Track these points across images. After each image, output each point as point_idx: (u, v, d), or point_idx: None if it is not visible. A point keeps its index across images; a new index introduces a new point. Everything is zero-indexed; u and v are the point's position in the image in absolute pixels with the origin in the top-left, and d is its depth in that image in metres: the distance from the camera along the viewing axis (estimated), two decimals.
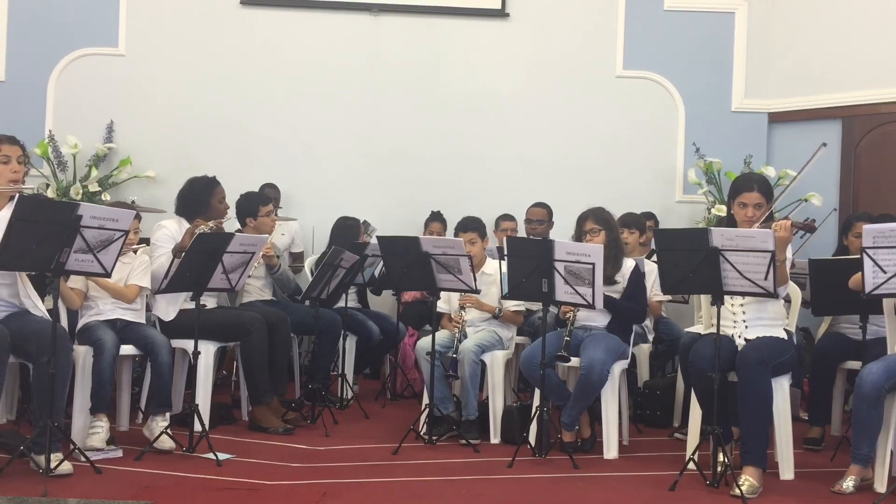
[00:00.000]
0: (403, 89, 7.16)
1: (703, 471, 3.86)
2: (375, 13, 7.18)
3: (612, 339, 4.45)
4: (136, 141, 7.00)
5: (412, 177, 7.10)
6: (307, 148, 7.11)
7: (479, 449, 4.48)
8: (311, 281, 5.05)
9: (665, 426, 5.09)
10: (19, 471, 3.64)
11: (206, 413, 4.42)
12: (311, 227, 6.79)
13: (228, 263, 4.29)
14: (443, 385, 4.70)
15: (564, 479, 4.00)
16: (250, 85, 7.10)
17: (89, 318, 4.46)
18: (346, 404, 5.44)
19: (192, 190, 4.90)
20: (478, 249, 4.94)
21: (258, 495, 3.59)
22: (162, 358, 4.35)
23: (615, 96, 7.16)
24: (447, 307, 5.01)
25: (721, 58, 7.11)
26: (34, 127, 6.80)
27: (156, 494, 3.49)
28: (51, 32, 6.98)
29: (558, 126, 7.16)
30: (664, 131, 7.15)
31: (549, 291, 4.21)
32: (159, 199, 6.54)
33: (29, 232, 3.50)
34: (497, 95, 7.18)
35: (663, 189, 7.11)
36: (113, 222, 3.69)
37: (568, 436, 4.42)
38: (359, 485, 3.81)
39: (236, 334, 4.74)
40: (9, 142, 3.82)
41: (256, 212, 5.24)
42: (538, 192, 6.68)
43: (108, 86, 7.03)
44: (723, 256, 3.74)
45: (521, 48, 7.20)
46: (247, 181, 5.99)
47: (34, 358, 3.72)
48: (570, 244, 4.26)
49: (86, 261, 3.68)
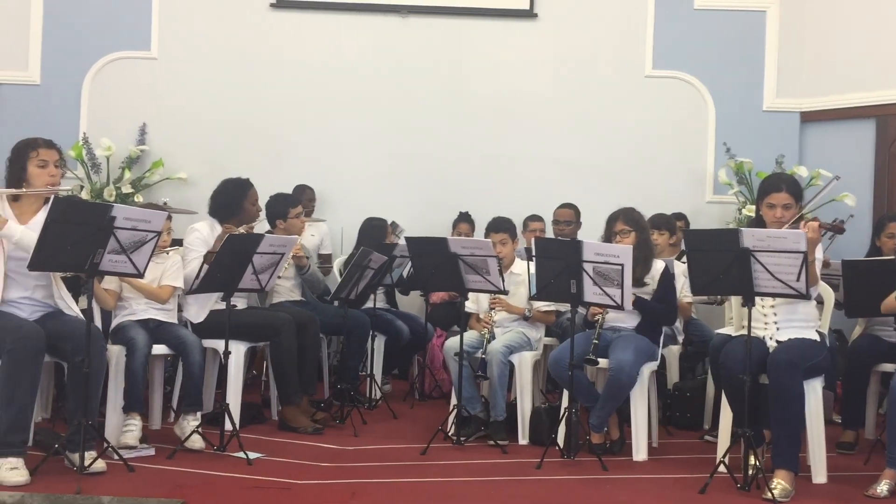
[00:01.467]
0: (432, 90, 7.17)
1: (734, 474, 3.83)
2: (404, 15, 7.20)
3: (641, 340, 4.43)
4: (168, 143, 7.08)
5: (440, 178, 7.11)
6: (336, 149, 7.15)
7: (508, 450, 4.48)
8: (340, 282, 5.08)
9: (695, 428, 5.05)
10: (54, 468, 3.69)
11: (236, 412, 4.46)
12: (340, 228, 6.83)
13: (258, 264, 4.33)
14: (471, 385, 4.70)
15: (593, 480, 3.99)
16: (280, 87, 7.16)
17: (122, 318, 4.52)
18: (374, 404, 5.46)
19: (225, 191, 4.95)
20: (508, 250, 4.94)
21: (288, 494, 3.62)
22: (193, 358, 4.40)
23: (644, 96, 7.12)
24: (475, 308, 5.01)
25: (752, 56, 7.04)
26: (69, 129, 6.90)
27: (187, 493, 3.52)
28: (85, 36, 7.08)
29: (587, 126, 7.14)
30: (694, 131, 7.10)
31: (577, 292, 4.20)
32: (191, 201, 6.62)
33: (64, 233, 3.56)
34: (525, 96, 7.17)
35: (693, 189, 7.05)
36: (145, 223, 3.73)
37: (597, 437, 4.41)
38: (387, 485, 3.82)
39: (266, 334, 4.78)
40: (46, 146, 3.88)
41: (286, 213, 5.27)
42: (566, 192, 6.66)
43: (140, 89, 7.13)
44: (754, 257, 3.70)
45: (549, 49, 7.18)
46: (276, 182, 6.03)
47: (69, 357, 3.78)
48: (599, 245, 4.24)
49: (119, 261, 3.73)
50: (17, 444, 3.59)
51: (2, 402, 3.63)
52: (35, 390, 3.72)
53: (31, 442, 3.86)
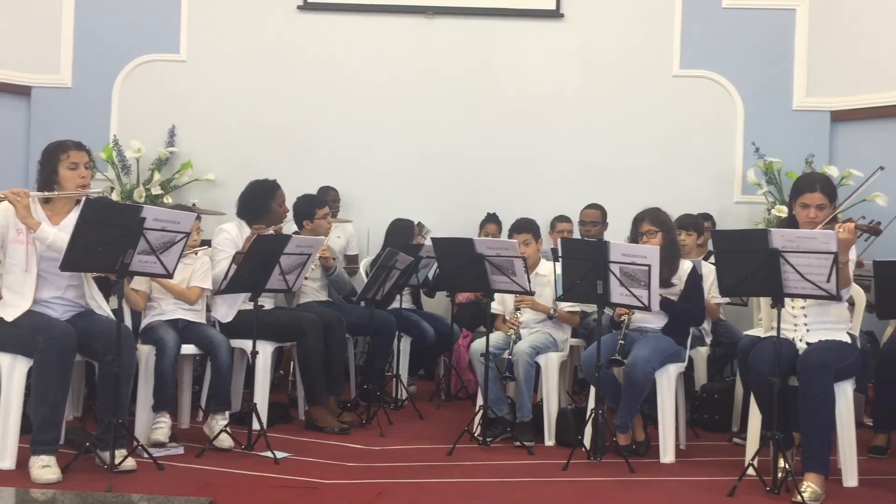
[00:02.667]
0: (458, 91, 7.18)
1: (763, 477, 3.79)
2: (430, 16, 7.21)
3: (662, 339, 4.40)
4: (197, 145, 7.15)
5: (467, 178, 7.11)
6: (362, 150, 7.18)
7: (534, 451, 4.47)
8: (367, 282, 5.10)
9: (723, 431, 5.01)
10: (85, 466, 3.74)
11: (263, 412, 4.50)
12: (367, 229, 6.85)
13: (286, 265, 4.36)
14: (497, 386, 4.70)
15: (620, 482, 3.97)
16: (308, 88, 7.20)
17: (152, 318, 4.57)
18: (400, 405, 5.48)
19: (253, 193, 4.99)
20: (532, 250, 4.93)
21: (315, 494, 3.64)
22: (222, 357, 4.44)
23: (672, 96, 7.07)
24: (501, 308, 5.01)
25: (781, 55, 6.96)
26: (100, 132, 6.99)
27: (216, 491, 3.55)
28: (115, 40, 7.17)
29: (614, 126, 7.10)
30: (722, 131, 7.04)
31: (603, 293, 4.18)
32: (219, 202, 6.68)
33: (95, 234, 3.60)
34: (552, 96, 7.15)
35: (721, 190, 6.99)
36: (175, 224, 3.77)
37: (623, 439, 4.38)
38: (413, 485, 3.83)
39: (293, 335, 4.81)
40: (76, 148, 3.93)
41: (313, 214, 5.30)
42: (593, 193, 6.64)
43: (170, 91, 7.20)
44: (783, 258, 3.66)
45: (576, 48, 7.16)
46: (303, 184, 6.06)
47: (99, 356, 3.82)
48: (626, 245, 4.22)
49: (149, 262, 3.77)
50: (49, 442, 3.64)
51: (34, 401, 3.69)
52: (66, 389, 3.77)
53: (63, 440, 3.90)
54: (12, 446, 3.74)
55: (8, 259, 3.84)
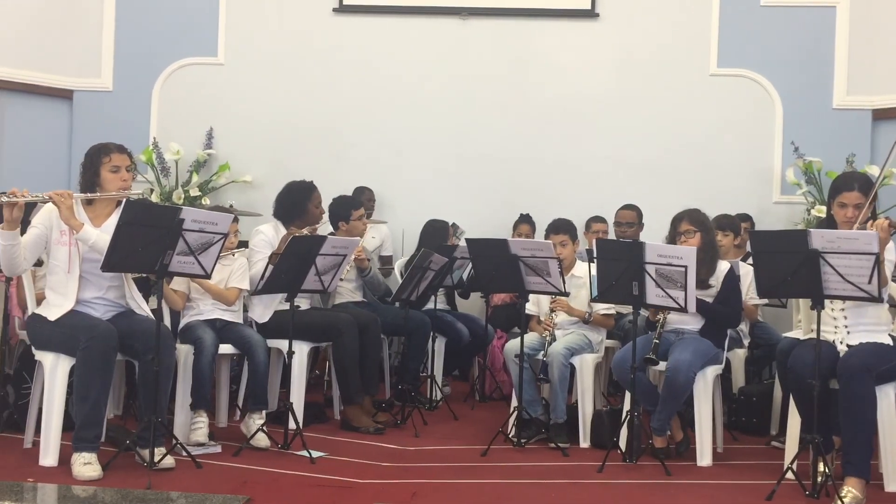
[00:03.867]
0: (493, 92, 7.18)
1: (803, 481, 3.74)
2: (464, 17, 7.22)
3: (702, 342, 4.35)
4: (234, 147, 7.24)
5: (501, 179, 7.10)
6: (397, 151, 7.21)
7: (569, 453, 4.45)
8: (401, 283, 5.12)
9: (762, 434, 4.94)
10: (125, 464, 3.80)
11: (299, 412, 4.53)
12: (401, 230, 6.88)
13: (321, 265, 4.39)
14: (531, 388, 4.69)
15: (656, 485, 3.94)
16: (343, 90, 7.25)
17: (190, 317, 4.64)
18: (435, 405, 5.49)
19: (290, 194, 5.04)
20: (568, 252, 4.91)
21: (350, 493, 3.66)
22: (258, 357, 4.48)
23: (709, 95, 7.00)
24: (536, 310, 4.99)
25: (821, 53, 6.86)
26: (139, 134, 7.11)
27: (253, 489, 3.59)
28: (155, 44, 7.29)
29: (650, 126, 7.05)
30: (761, 130, 6.95)
31: (639, 294, 4.15)
32: (256, 203, 6.75)
33: (135, 235, 3.66)
34: (587, 96, 7.12)
35: (760, 190, 6.91)
36: (213, 226, 3.81)
37: (659, 441, 4.35)
38: (448, 485, 3.84)
39: (328, 335, 4.84)
40: (118, 151, 3.99)
41: (349, 215, 5.33)
42: (628, 193, 6.60)
43: (208, 94, 7.30)
44: (823, 259, 3.61)
45: (612, 48, 7.12)
46: (339, 185, 6.11)
47: (140, 356, 3.88)
48: (662, 246, 4.19)
49: (187, 263, 3.82)
50: (90, 439, 3.71)
51: (76, 399, 3.76)
52: (108, 387, 3.84)
53: (104, 438, 3.95)
54: (55, 443, 3.81)
55: (51, 260, 3.91)
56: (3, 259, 3.76)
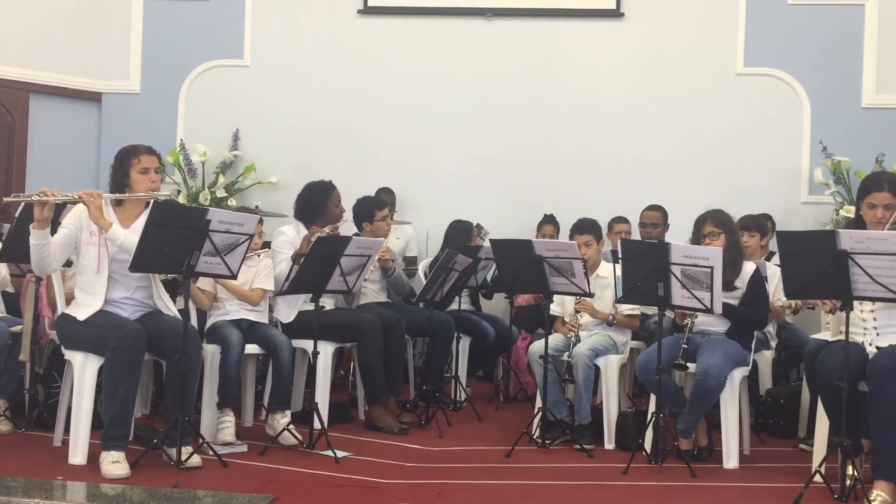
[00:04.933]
0: (517, 92, 7.17)
1: (831, 484, 3.70)
2: (489, 18, 7.22)
3: (731, 344, 4.32)
4: (260, 148, 7.29)
5: (525, 180, 7.09)
6: (422, 152, 7.22)
7: (593, 454, 4.44)
8: (425, 283, 5.12)
9: (789, 436, 4.89)
10: (153, 462, 3.83)
11: (324, 411, 4.55)
12: (426, 231, 6.89)
13: (346, 266, 4.41)
14: (556, 389, 4.67)
15: (681, 487, 3.91)
16: (367, 91, 7.28)
17: (217, 317, 4.67)
18: (459, 406, 5.49)
19: (309, 194, 5.07)
20: (593, 252, 4.90)
21: (374, 493, 3.67)
22: (284, 357, 4.50)
23: (735, 94, 6.95)
24: (560, 310, 4.98)
25: (849, 52, 6.78)
26: (167, 136, 7.18)
27: (278, 488, 3.61)
28: (182, 47, 7.36)
29: (675, 126, 7.01)
30: (788, 130, 6.89)
31: (664, 295, 4.13)
32: (282, 204, 6.79)
33: (163, 236, 3.70)
34: (612, 96, 7.09)
35: (787, 190, 6.85)
36: (238, 226, 3.84)
37: (685, 443, 4.32)
38: (472, 486, 3.84)
39: (353, 335, 4.86)
40: (148, 153, 4.04)
41: (373, 216, 5.35)
42: (653, 194, 6.56)
43: (234, 96, 7.36)
44: (852, 260, 3.57)
45: (637, 48, 7.09)
46: (363, 186, 6.13)
47: (167, 355, 3.92)
48: (688, 247, 4.16)
49: (214, 263, 3.85)
50: (119, 438, 3.75)
51: (105, 398, 3.80)
52: (136, 387, 3.88)
53: (132, 437, 3.99)
54: (84, 442, 3.85)
55: (81, 260, 3.96)
56: (33, 258, 3.82)
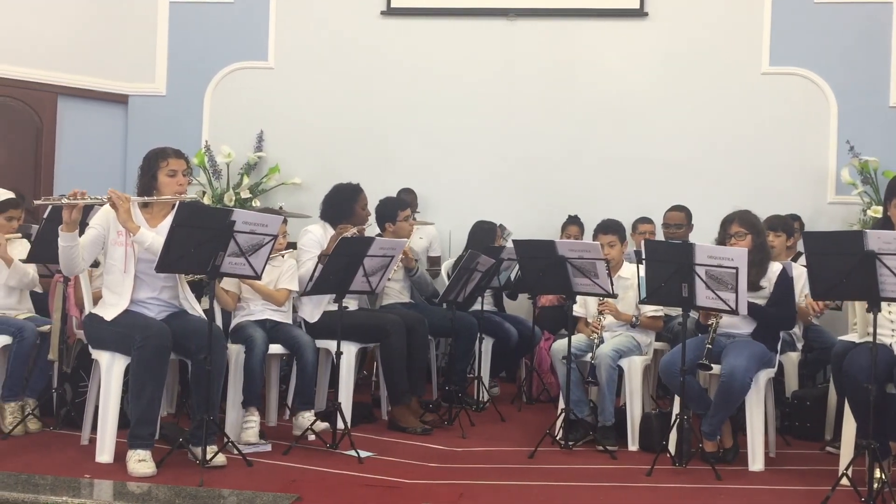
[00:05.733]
0: (540, 92, 7.16)
1: (858, 487, 3.65)
2: (511, 18, 7.21)
3: (756, 346, 4.28)
4: (284, 149, 7.34)
5: (548, 180, 7.08)
6: (445, 153, 7.23)
7: (617, 456, 4.42)
8: (448, 284, 5.13)
9: (816, 439, 4.85)
10: (178, 461, 3.87)
11: (347, 411, 4.57)
12: (448, 232, 6.90)
13: (369, 267, 4.43)
14: (579, 389, 4.66)
15: (706, 489, 3.89)
16: (391, 92, 7.30)
17: (241, 317, 4.71)
18: (482, 407, 5.49)
19: (337, 195, 5.09)
20: (616, 252, 4.88)
21: (397, 493, 3.68)
22: (307, 357, 4.53)
23: (760, 94, 6.90)
24: (583, 311, 4.96)
25: (877, 51, 6.71)
26: (192, 138, 7.26)
27: (302, 488, 3.63)
28: (206, 50, 7.43)
29: (699, 126, 6.97)
30: (814, 129, 6.83)
31: (689, 296, 4.11)
32: (305, 205, 6.83)
33: (188, 237, 3.73)
34: (635, 96, 7.06)
35: (814, 190, 6.78)
36: (263, 227, 3.87)
37: (709, 445, 4.29)
38: (495, 487, 3.84)
39: (376, 336, 4.87)
40: (176, 155, 4.07)
41: (395, 216, 5.36)
42: (677, 194, 6.52)
43: (258, 97, 7.42)
44: (880, 261, 3.52)
45: (661, 47, 7.05)
46: (386, 186, 6.15)
47: (192, 355, 3.95)
48: (712, 247, 4.13)
49: (238, 264, 3.88)
50: (145, 437, 3.79)
51: (131, 397, 3.85)
52: (162, 386, 3.91)
53: (158, 436, 4.02)
54: (110, 441, 3.90)
55: (108, 260, 4.00)
56: (62, 259, 3.87)
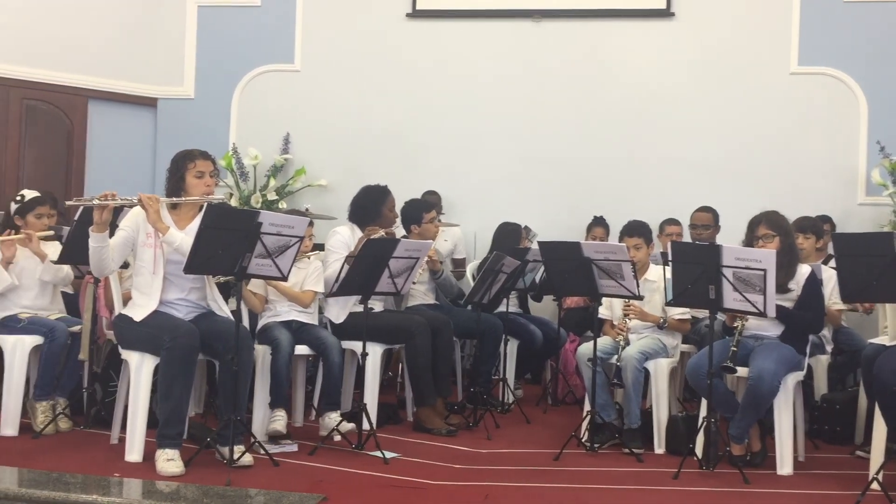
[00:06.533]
0: (566, 94, 7.14)
1: (889, 492, 3.61)
2: (537, 19, 7.20)
3: (785, 348, 4.24)
4: (310, 151, 7.38)
5: (574, 181, 7.06)
6: (471, 154, 7.23)
7: (643, 458, 4.39)
8: (473, 285, 5.13)
9: (845, 443, 4.79)
10: (206, 461, 3.90)
11: (373, 412, 4.59)
12: (473, 233, 6.90)
13: (394, 268, 4.44)
14: (604, 392, 4.64)
15: (734, 493, 3.85)
16: (417, 94, 7.32)
17: (268, 318, 4.74)
18: (507, 408, 5.48)
19: (366, 197, 5.11)
20: (643, 255, 4.85)
21: (423, 494, 3.69)
22: (333, 358, 4.55)
23: (789, 94, 6.84)
24: (609, 314, 4.94)
25: None
26: (220, 140, 7.33)
27: (328, 488, 3.64)
28: (234, 53, 7.50)
29: (726, 127, 6.91)
30: (844, 129, 6.75)
31: (716, 298, 4.07)
32: (331, 207, 6.86)
33: (216, 239, 3.76)
34: (661, 97, 7.02)
35: (843, 191, 6.71)
36: (289, 229, 3.90)
37: (737, 449, 4.25)
38: (520, 489, 3.83)
39: (401, 337, 4.89)
40: (203, 157, 4.11)
41: (421, 218, 5.37)
42: (704, 195, 6.47)
43: (284, 100, 7.47)
44: None
45: (687, 47, 7.01)
46: (412, 188, 6.17)
47: (220, 355, 3.99)
48: (740, 249, 4.10)
49: (265, 265, 3.91)
50: (173, 436, 3.82)
51: (160, 397, 3.88)
52: (190, 386, 3.95)
53: (186, 435, 4.05)
54: (140, 440, 3.94)
55: (137, 262, 4.05)
56: (92, 260, 3.92)
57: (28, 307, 4.61)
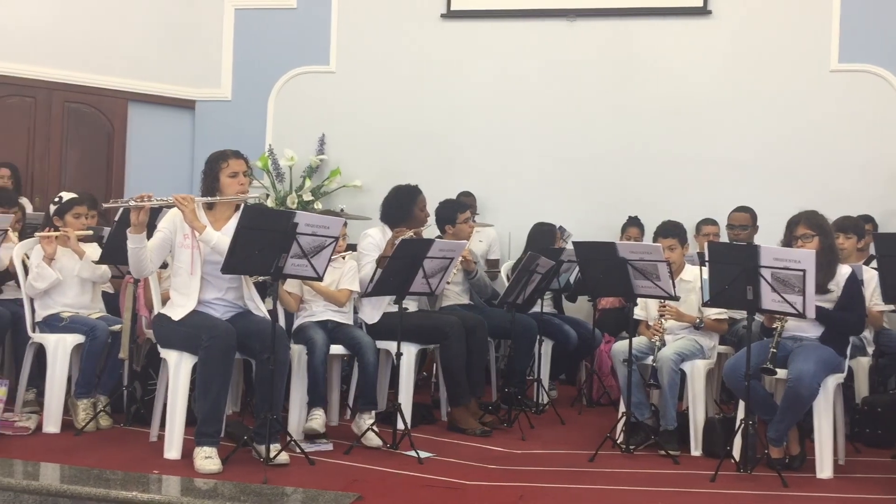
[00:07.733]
0: (601, 93, 7.11)
1: None
2: (572, 19, 7.17)
3: (825, 350, 4.17)
4: (345, 152, 7.43)
5: (609, 181, 7.03)
6: (505, 154, 7.23)
7: (679, 460, 4.35)
8: (508, 286, 5.12)
9: (887, 446, 4.70)
10: (243, 459, 3.94)
11: (407, 412, 4.60)
12: (508, 233, 6.89)
13: (429, 268, 4.45)
14: (640, 391, 4.61)
15: (772, 496, 3.80)
16: (451, 95, 7.33)
17: (303, 318, 4.78)
18: (542, 409, 5.47)
19: (396, 197, 5.13)
20: (677, 256, 4.81)
21: (457, 494, 3.69)
22: (368, 358, 4.57)
23: (829, 92, 6.73)
24: (644, 314, 4.90)
25: None
26: (256, 141, 7.41)
27: (363, 487, 3.66)
28: (270, 55, 7.58)
29: (765, 126, 6.83)
30: (886, 128, 6.64)
31: (754, 299, 4.02)
32: (366, 207, 6.90)
33: (253, 239, 3.81)
34: (698, 95, 6.96)
35: (886, 190, 6.58)
36: (324, 229, 3.92)
37: (776, 452, 4.19)
38: (555, 490, 3.82)
39: (436, 337, 4.89)
40: (235, 156, 4.16)
41: (455, 219, 5.37)
42: (741, 195, 6.39)
43: (320, 101, 7.53)
44: None
45: (724, 46, 6.94)
46: (447, 189, 6.18)
47: (256, 354, 4.03)
48: (778, 249, 4.04)
49: (301, 265, 3.94)
50: (211, 434, 3.87)
51: (198, 396, 3.94)
52: (227, 385, 4.00)
53: (223, 433, 4.10)
54: (178, 438, 4.00)
55: (175, 262, 4.11)
56: (131, 261, 3.99)
57: (69, 305, 4.70)
